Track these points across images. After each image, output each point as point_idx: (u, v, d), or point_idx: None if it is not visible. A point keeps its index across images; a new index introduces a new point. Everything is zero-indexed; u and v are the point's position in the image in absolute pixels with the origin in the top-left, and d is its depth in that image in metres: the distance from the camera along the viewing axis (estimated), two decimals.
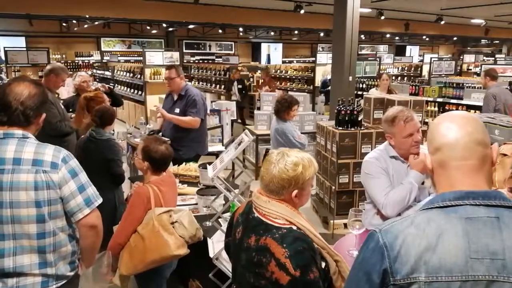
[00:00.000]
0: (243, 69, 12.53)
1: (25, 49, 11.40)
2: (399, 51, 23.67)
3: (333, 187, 4.57)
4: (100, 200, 1.89)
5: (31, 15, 12.34)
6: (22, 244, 1.72)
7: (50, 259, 1.78)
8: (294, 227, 1.50)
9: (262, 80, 10.87)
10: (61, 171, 1.76)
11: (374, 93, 6.40)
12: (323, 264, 1.51)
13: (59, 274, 1.82)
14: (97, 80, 13.69)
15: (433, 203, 1.06)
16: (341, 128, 4.45)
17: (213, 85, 12.82)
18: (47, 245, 1.76)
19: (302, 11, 11.00)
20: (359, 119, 4.46)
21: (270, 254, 1.43)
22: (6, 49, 10.30)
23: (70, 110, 4.42)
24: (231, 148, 2.68)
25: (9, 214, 1.69)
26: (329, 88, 8.11)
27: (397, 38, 22.20)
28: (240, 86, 10.30)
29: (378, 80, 6.79)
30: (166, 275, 2.71)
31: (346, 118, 4.44)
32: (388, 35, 20.13)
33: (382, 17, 13.05)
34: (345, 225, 4.25)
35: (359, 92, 8.49)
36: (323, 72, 10.97)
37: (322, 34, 19.78)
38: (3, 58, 12.42)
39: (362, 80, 9.00)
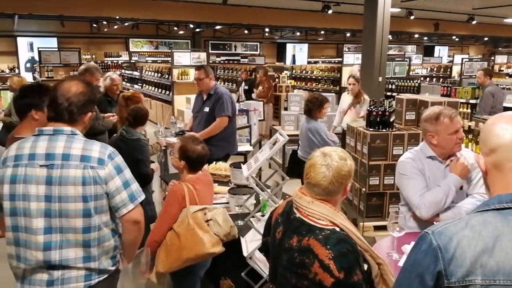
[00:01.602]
0: (270, 69, 12.51)
1: (57, 49, 11.69)
2: (428, 52, 23.19)
3: (363, 189, 4.51)
4: (143, 196, 1.93)
5: (64, 16, 12.71)
6: (68, 238, 1.77)
7: (94, 253, 1.82)
8: (337, 229, 1.50)
9: (259, 80, 10.74)
10: (107, 167, 1.80)
11: (345, 97, 6.23)
12: (365, 267, 1.49)
13: (102, 268, 1.87)
14: (126, 80, 13.96)
15: (488, 205, 1.04)
16: (372, 129, 4.39)
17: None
18: (92, 240, 1.80)
19: (330, 11, 10.92)
20: (391, 120, 4.39)
21: (313, 255, 1.43)
22: (39, 49, 10.57)
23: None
24: (265, 147, 2.68)
25: (57, 208, 1.74)
26: None
27: (425, 38, 21.77)
28: (246, 87, 10.24)
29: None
30: (200, 275, 2.74)
31: (378, 119, 4.38)
32: (416, 35, 19.75)
33: (412, 17, 12.83)
34: (375, 228, 4.19)
35: (388, 93, 8.35)
36: (349, 72, 10.85)
37: (348, 34, 19.57)
38: (37, 58, 12.82)
39: (391, 81, 8.86)
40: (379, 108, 4.41)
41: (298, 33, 19.71)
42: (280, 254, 1.57)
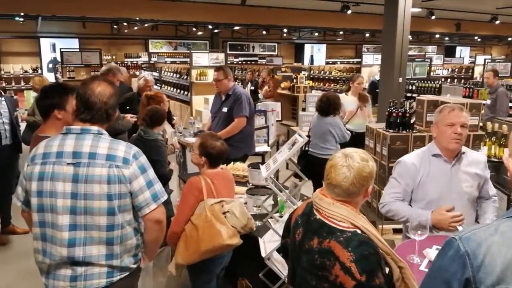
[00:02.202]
0: (288, 70, 12.49)
1: (78, 50, 11.91)
2: (449, 52, 22.76)
3: (382, 191, 4.46)
4: (166, 196, 1.96)
5: (86, 17, 12.95)
6: (92, 235, 1.81)
7: (116, 251, 1.85)
8: (359, 231, 1.48)
9: (262, 80, 10.67)
10: (132, 166, 1.83)
11: (345, 98, 6.11)
12: (386, 270, 1.47)
13: (123, 266, 1.90)
14: None
15: None
16: (392, 130, 4.34)
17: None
18: (115, 237, 1.83)
19: (349, 12, 10.83)
20: (412, 121, 4.34)
21: (334, 257, 1.42)
22: (62, 50, 10.80)
23: (128, 107, 4.59)
24: (284, 148, 2.68)
25: (82, 206, 1.78)
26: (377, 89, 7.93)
27: (446, 38, 21.38)
28: (252, 88, 10.19)
29: (350, 83, 6.39)
30: (216, 271, 2.75)
31: (398, 121, 4.33)
32: (437, 36, 19.42)
33: (433, 17, 12.62)
34: (394, 231, 4.14)
35: (408, 94, 8.24)
36: (368, 73, 10.75)
37: (367, 35, 19.37)
38: (59, 59, 13.10)
39: (411, 81, 8.73)
40: (399, 109, 4.35)
41: (316, 34, 19.60)
42: (299, 255, 1.56)
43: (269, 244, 2.70)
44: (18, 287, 3.68)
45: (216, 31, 17.65)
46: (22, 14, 11.71)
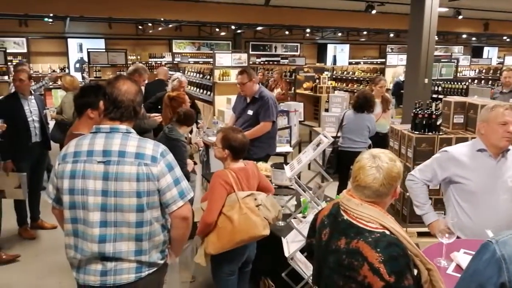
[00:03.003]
0: (310, 70, 12.44)
1: (104, 50, 12.17)
2: (476, 53, 22.22)
3: (407, 194, 4.40)
4: (192, 194, 1.99)
5: (112, 18, 13.21)
6: (122, 232, 1.85)
7: (145, 247, 1.89)
8: (387, 232, 1.47)
9: (274, 82, 10.57)
10: (160, 164, 1.87)
11: None
12: (415, 272, 1.46)
13: (151, 261, 1.94)
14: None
15: None
16: (417, 132, 4.28)
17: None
18: (143, 234, 1.87)
19: (373, 11, 10.70)
20: (438, 123, 4.26)
21: (362, 258, 1.42)
22: (89, 50, 11.05)
23: (160, 107, 4.66)
24: (308, 149, 2.69)
25: (113, 203, 1.83)
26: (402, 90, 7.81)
27: (474, 38, 20.88)
28: None
29: (372, 85, 6.31)
30: (237, 263, 2.80)
31: (424, 122, 4.26)
32: (464, 36, 18.98)
33: (460, 17, 12.35)
34: (418, 234, 4.09)
35: (434, 95, 8.09)
36: (393, 73, 10.60)
37: (392, 35, 19.10)
38: (86, 59, 13.42)
39: (437, 82, 8.57)
40: (425, 111, 4.29)
41: (339, 34, 19.44)
42: (326, 255, 1.56)
43: (292, 244, 2.71)
44: (47, 280, 3.79)
45: (239, 31, 17.72)
46: (51, 15, 12.04)
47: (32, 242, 4.46)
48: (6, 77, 8.97)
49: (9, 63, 10.21)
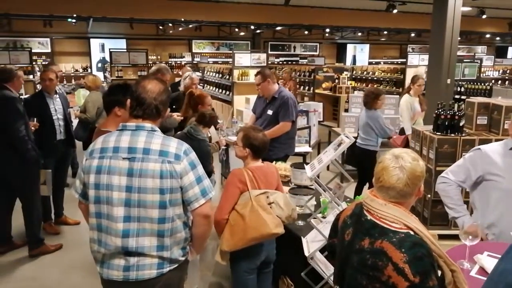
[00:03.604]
0: (330, 70, 12.38)
1: (126, 50, 12.36)
2: (500, 53, 21.72)
3: (428, 196, 4.35)
4: (214, 192, 2.02)
5: (134, 19, 13.41)
6: (144, 227, 1.89)
7: (167, 243, 1.93)
8: (412, 232, 1.47)
9: (283, 81, 10.44)
10: (183, 162, 1.90)
11: (414, 100, 5.93)
12: (439, 273, 1.45)
13: (173, 258, 1.97)
14: None
15: None
16: (439, 133, 4.23)
17: (297, 86, 12.87)
18: (165, 230, 1.91)
19: (394, 11, 10.57)
20: (461, 124, 4.20)
21: (387, 258, 1.41)
22: (111, 50, 11.25)
23: (174, 106, 4.72)
24: (329, 149, 2.68)
25: (136, 199, 1.87)
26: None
27: (498, 38, 20.41)
28: None
29: (411, 84, 6.14)
30: (255, 261, 2.80)
31: (446, 123, 4.20)
32: (488, 35, 18.58)
33: (484, 16, 12.09)
34: (439, 236, 4.03)
35: (456, 96, 7.95)
36: (414, 73, 10.46)
37: (413, 35, 18.83)
38: (107, 58, 13.66)
39: (460, 83, 8.43)
40: (448, 112, 4.23)
41: (359, 34, 19.28)
42: (349, 255, 1.56)
43: (312, 244, 2.71)
44: (71, 274, 3.88)
45: (258, 31, 17.76)
46: (74, 15, 12.30)
47: (56, 237, 4.57)
48: (31, 76, 9.21)
49: (34, 63, 10.49)
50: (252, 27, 16.51)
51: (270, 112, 4.53)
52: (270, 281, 3.03)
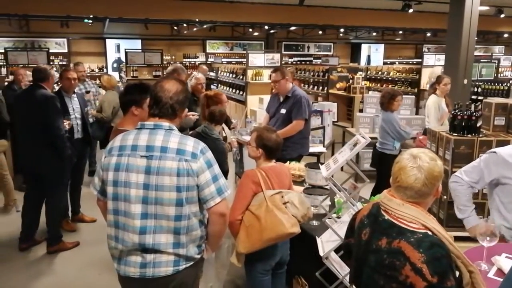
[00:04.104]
0: (344, 70, 12.31)
1: (141, 50, 12.48)
2: None
3: (444, 197, 4.30)
4: (229, 191, 2.04)
5: (149, 19, 13.54)
6: (161, 224, 1.92)
7: (183, 240, 1.95)
8: (430, 232, 1.46)
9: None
10: (199, 161, 1.93)
11: (441, 100, 5.82)
12: (457, 274, 1.44)
13: (189, 255, 1.99)
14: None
15: None
16: (456, 134, 4.17)
17: (311, 87, 12.84)
18: (182, 227, 1.93)
19: (410, 10, 10.46)
20: (478, 125, 4.14)
21: (404, 257, 1.41)
22: (126, 50, 11.37)
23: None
24: (345, 149, 2.68)
25: (153, 196, 1.90)
26: None
27: None
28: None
29: (436, 84, 6.02)
30: (270, 262, 2.81)
31: (463, 124, 4.15)
32: (506, 35, 18.26)
33: (502, 15, 11.89)
34: (456, 238, 3.98)
35: (473, 97, 7.84)
36: (430, 74, 10.33)
37: (428, 34, 18.61)
38: (123, 58, 13.84)
39: (477, 83, 8.31)
40: (465, 112, 4.18)
41: (374, 33, 19.13)
42: (366, 255, 1.56)
43: (327, 243, 2.71)
44: (87, 271, 3.95)
45: (272, 31, 17.76)
46: (91, 16, 12.46)
47: (73, 235, 4.64)
48: None
49: (51, 63, 10.67)
50: (266, 27, 16.51)
51: (283, 111, 4.54)
52: (284, 281, 3.03)
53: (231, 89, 11.76)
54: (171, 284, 1.99)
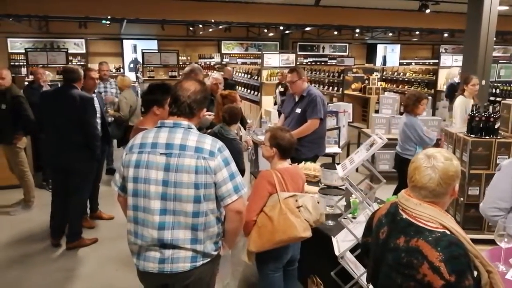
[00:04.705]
0: (360, 71, 12.24)
1: (157, 51, 12.62)
2: None
3: (461, 199, 4.27)
4: (246, 189, 2.07)
5: (166, 20, 13.68)
6: (179, 220, 1.96)
7: (200, 236, 1.99)
8: (448, 232, 1.47)
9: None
10: (217, 159, 1.97)
11: (462, 100, 5.73)
12: (475, 273, 1.45)
13: (206, 252, 2.03)
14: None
15: None
16: (473, 135, 4.14)
17: (326, 87, 12.80)
18: (199, 224, 1.98)
19: (427, 11, 10.35)
20: (496, 127, 4.10)
21: (422, 256, 1.42)
22: (143, 51, 11.52)
23: None
24: (361, 149, 2.69)
25: (172, 192, 1.94)
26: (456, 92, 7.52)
27: None
28: (282, 89, 9.65)
29: (464, 85, 5.88)
30: (282, 261, 2.84)
31: (481, 125, 4.12)
32: None
33: None
34: (472, 241, 3.95)
35: (491, 98, 7.73)
36: (447, 75, 10.22)
37: (446, 35, 18.36)
38: (139, 59, 14.01)
39: (495, 84, 8.18)
40: (483, 114, 4.14)
41: (390, 34, 18.96)
42: (384, 254, 1.57)
43: (342, 243, 2.72)
44: (105, 267, 4.02)
45: (287, 32, 17.75)
46: (109, 17, 12.65)
47: (91, 231, 4.73)
48: None
49: (70, 63, 10.87)
50: (281, 27, 16.51)
51: (298, 110, 4.56)
52: (296, 278, 3.05)
53: (245, 89, 11.81)
54: (189, 280, 2.03)
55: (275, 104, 9.80)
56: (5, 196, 5.67)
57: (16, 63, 15.36)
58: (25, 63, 11.86)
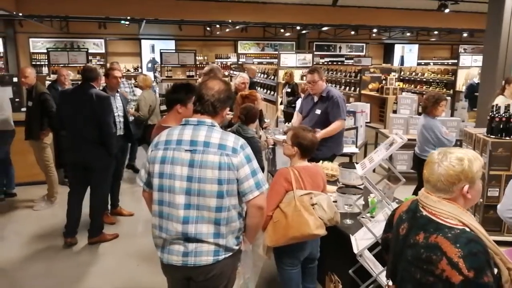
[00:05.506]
0: (376, 70, 12.19)
1: (175, 51, 12.75)
2: None
3: (480, 200, 4.24)
4: (267, 185, 2.13)
5: (184, 20, 13.83)
6: (203, 215, 2.03)
7: (222, 231, 2.05)
8: (467, 229, 1.49)
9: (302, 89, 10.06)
10: (240, 156, 2.04)
11: (501, 101, 5.62)
12: (495, 271, 1.46)
13: (228, 246, 2.09)
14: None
15: None
16: (494, 136, 4.11)
17: (343, 87, 12.78)
18: (222, 218, 2.04)
19: (446, 10, 10.24)
20: None
21: (441, 252, 1.44)
22: (161, 51, 11.66)
23: None
24: (380, 148, 2.71)
25: (196, 188, 2.01)
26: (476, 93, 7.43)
27: None
28: (289, 90, 9.48)
29: (506, 84, 5.80)
30: (299, 257, 2.89)
31: (501, 126, 4.09)
32: None
33: None
34: None
35: None
36: (466, 75, 10.10)
37: (465, 35, 18.10)
38: (157, 59, 14.19)
39: None
40: (503, 114, 4.11)
41: (408, 34, 18.78)
42: (404, 249, 1.60)
43: (361, 241, 2.75)
44: (126, 262, 4.11)
45: (303, 32, 17.75)
46: (128, 18, 12.86)
47: (112, 227, 4.84)
48: None
49: (89, 63, 11.08)
50: (298, 27, 16.52)
51: (318, 111, 4.54)
52: (315, 276, 3.09)
53: (262, 89, 11.86)
54: (211, 273, 2.09)
55: (280, 103, 9.81)
56: (31, 192, 5.84)
57: (38, 63, 15.74)
58: (46, 63, 12.12)
